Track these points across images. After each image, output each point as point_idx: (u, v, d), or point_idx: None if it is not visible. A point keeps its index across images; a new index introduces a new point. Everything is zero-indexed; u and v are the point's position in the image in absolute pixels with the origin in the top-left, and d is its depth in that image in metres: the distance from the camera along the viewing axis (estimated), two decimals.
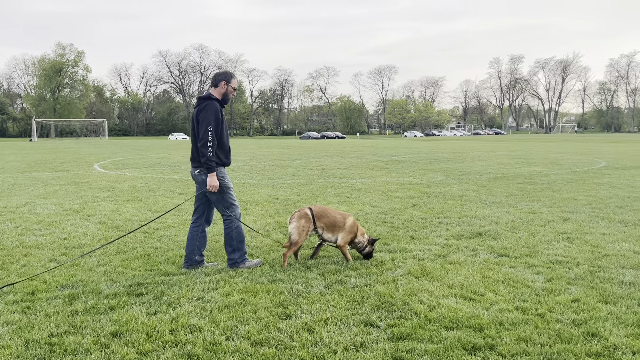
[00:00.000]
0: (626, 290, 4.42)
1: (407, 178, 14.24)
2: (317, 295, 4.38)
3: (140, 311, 4.01)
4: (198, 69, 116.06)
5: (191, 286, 4.63)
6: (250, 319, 3.84)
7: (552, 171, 15.95)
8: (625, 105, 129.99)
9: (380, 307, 4.10)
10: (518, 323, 3.74)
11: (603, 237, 6.43)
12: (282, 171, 16.91)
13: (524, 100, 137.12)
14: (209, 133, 4.94)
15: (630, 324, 3.68)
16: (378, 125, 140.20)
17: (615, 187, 11.58)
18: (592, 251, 5.76)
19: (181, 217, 8.14)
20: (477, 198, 10.01)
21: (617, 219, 7.62)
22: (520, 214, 8.15)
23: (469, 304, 4.14)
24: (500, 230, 6.91)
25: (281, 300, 4.24)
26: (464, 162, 20.71)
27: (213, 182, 5.02)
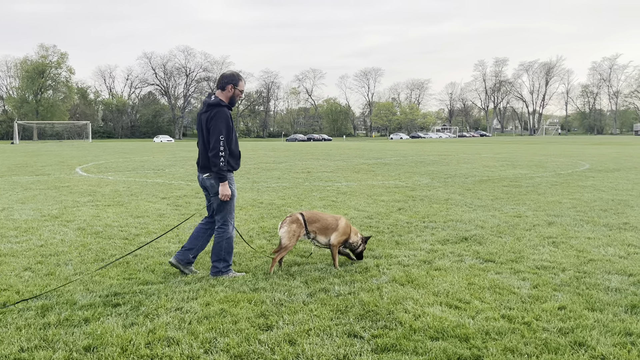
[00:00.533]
0: (612, 296, 4.38)
1: (393, 181, 14.19)
2: (300, 304, 4.27)
3: (116, 323, 3.86)
4: (183, 71, 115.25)
5: (170, 296, 4.49)
6: (230, 331, 3.72)
7: (536, 174, 16.02)
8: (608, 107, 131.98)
9: (365, 316, 4.01)
10: (504, 332, 3.67)
11: (588, 242, 6.41)
12: (267, 174, 16.76)
13: (508, 102, 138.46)
14: (220, 143, 4.84)
15: (618, 333, 3.63)
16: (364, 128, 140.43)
17: (599, 189, 11.63)
18: (578, 256, 5.73)
19: (163, 223, 7.97)
20: (462, 201, 9.98)
21: (601, 223, 7.62)
22: (506, 218, 8.12)
23: (454, 313, 4.06)
24: (485, 235, 6.86)
25: (263, 310, 4.13)
26: (450, 164, 20.74)
27: (225, 191, 4.96)
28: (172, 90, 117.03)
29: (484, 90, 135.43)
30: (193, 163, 23.00)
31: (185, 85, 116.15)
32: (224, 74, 5.14)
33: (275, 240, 6.64)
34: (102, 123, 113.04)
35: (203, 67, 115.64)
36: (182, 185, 13.46)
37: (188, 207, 9.52)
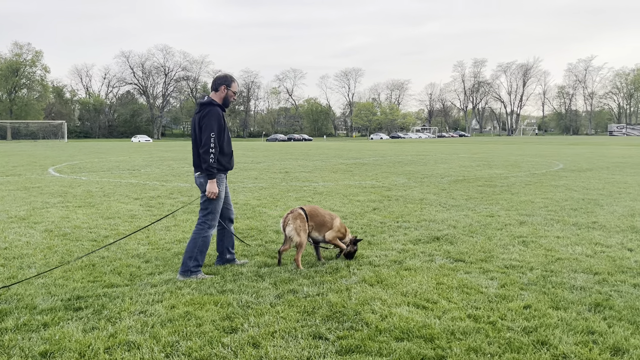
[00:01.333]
0: (577, 295, 4.43)
1: (370, 181, 14.22)
2: (267, 306, 4.22)
3: (76, 328, 3.77)
4: (162, 70, 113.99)
5: (135, 299, 4.40)
6: (193, 334, 3.65)
7: (511, 174, 16.21)
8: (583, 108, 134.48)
9: (331, 317, 3.98)
10: (469, 332, 3.67)
11: (557, 241, 6.49)
12: (244, 174, 16.66)
13: (487, 103, 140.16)
14: (211, 140, 4.96)
15: (580, 331, 3.66)
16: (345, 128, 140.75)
17: (571, 189, 11.81)
18: (546, 255, 5.79)
19: (134, 224, 7.85)
20: (437, 201, 10.03)
21: (571, 222, 7.72)
22: (479, 218, 8.18)
23: (421, 313, 4.05)
24: (457, 235, 6.90)
25: (229, 313, 4.07)
26: (427, 164, 20.88)
27: (212, 188, 5.04)
28: (151, 89, 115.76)
29: (463, 91, 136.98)
30: (169, 163, 22.76)
31: (164, 84, 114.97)
32: (218, 76, 5.28)
33: (248, 241, 6.58)
34: (78, 123, 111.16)
35: (182, 66, 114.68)
36: (157, 185, 13.29)
37: (161, 208, 9.40)
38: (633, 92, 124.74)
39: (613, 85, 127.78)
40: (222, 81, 5.19)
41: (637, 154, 28.86)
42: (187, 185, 13.25)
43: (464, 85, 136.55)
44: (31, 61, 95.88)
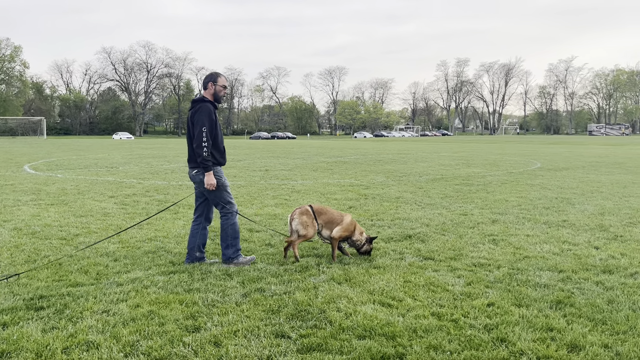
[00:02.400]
0: (540, 292, 4.49)
1: (349, 180, 14.25)
2: (232, 305, 4.21)
3: (36, 327, 3.72)
4: (144, 67, 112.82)
5: (99, 298, 4.35)
6: (154, 333, 3.63)
7: (489, 172, 16.37)
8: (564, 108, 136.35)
9: (296, 316, 3.98)
10: (431, 330, 3.71)
11: (526, 239, 6.57)
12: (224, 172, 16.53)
13: (469, 102, 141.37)
14: (203, 134, 5.12)
15: (539, 328, 3.72)
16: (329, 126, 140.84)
17: (546, 188, 11.97)
18: (514, 253, 5.86)
19: (106, 222, 7.76)
20: (413, 200, 10.09)
21: (542, 220, 7.83)
22: (452, 216, 8.24)
23: (386, 311, 4.08)
24: (429, 233, 6.95)
25: (193, 312, 4.05)
26: (407, 163, 20.99)
27: (210, 180, 5.22)
28: (133, 86, 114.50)
29: (446, 90, 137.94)
30: (149, 160, 22.56)
31: (146, 81, 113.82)
32: (205, 75, 5.55)
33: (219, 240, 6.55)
34: (58, 119, 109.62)
35: (165, 63, 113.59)
36: (134, 183, 13.16)
37: (135, 206, 9.30)
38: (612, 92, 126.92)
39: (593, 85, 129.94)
40: (208, 79, 5.39)
41: (613, 153, 29.37)
42: (165, 183, 13.15)
43: (447, 84, 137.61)
44: (10, 56, 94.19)
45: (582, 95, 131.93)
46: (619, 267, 5.25)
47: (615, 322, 3.82)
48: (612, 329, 3.71)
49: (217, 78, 5.38)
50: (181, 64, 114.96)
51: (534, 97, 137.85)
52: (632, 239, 6.53)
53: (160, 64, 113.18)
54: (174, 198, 10.31)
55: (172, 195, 10.71)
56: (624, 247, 6.14)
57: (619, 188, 11.93)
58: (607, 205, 9.25)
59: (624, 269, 5.20)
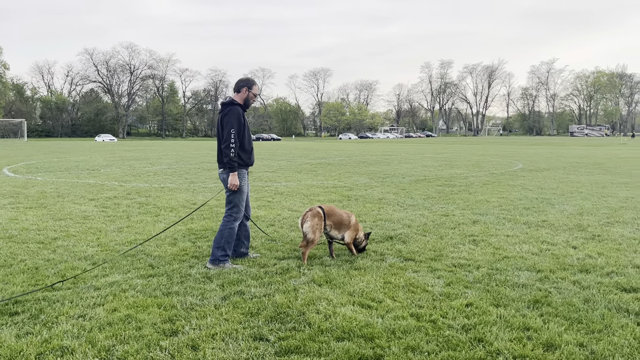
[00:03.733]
0: (518, 292, 4.53)
1: (332, 181, 14.26)
2: (211, 308, 4.18)
3: (10, 333, 3.65)
4: (127, 68, 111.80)
5: (75, 302, 4.29)
6: (131, 338, 3.59)
7: (471, 173, 16.51)
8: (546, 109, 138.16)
9: (275, 318, 3.97)
10: (410, 331, 3.72)
11: (506, 239, 6.64)
12: (207, 174, 16.48)
13: (453, 104, 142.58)
14: (232, 136, 5.32)
15: (517, 328, 3.75)
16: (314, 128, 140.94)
17: (527, 188, 12.11)
18: (494, 253, 5.91)
19: (85, 225, 7.66)
20: (395, 201, 10.13)
21: (522, 221, 7.91)
22: (434, 217, 8.29)
23: (365, 312, 4.08)
24: (410, 234, 6.98)
25: (171, 315, 4.01)
26: (391, 164, 21.08)
27: (234, 180, 5.40)
28: (116, 87, 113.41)
29: (430, 91, 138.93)
30: (131, 163, 22.35)
31: (129, 82, 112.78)
32: (241, 79, 5.66)
33: (201, 243, 6.51)
34: (40, 121, 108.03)
35: (148, 64, 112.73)
36: (115, 186, 13.02)
37: (116, 209, 9.20)
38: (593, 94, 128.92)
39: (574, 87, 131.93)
40: (244, 84, 5.58)
41: (593, 154, 29.81)
42: (147, 186, 13.03)
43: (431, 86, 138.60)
44: None
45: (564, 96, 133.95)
46: (596, 267, 5.32)
47: (591, 321, 3.87)
48: (587, 328, 3.75)
49: (252, 85, 5.60)
50: (165, 65, 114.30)
51: (516, 99, 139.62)
52: (609, 239, 6.63)
53: (143, 66, 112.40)
54: (156, 201, 10.22)
55: (154, 198, 10.62)
56: (601, 246, 6.23)
57: (598, 188, 12.11)
58: (585, 206, 9.38)
59: (601, 268, 5.28)
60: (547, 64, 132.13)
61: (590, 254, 5.86)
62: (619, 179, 14.30)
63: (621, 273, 5.10)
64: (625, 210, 8.88)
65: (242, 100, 5.56)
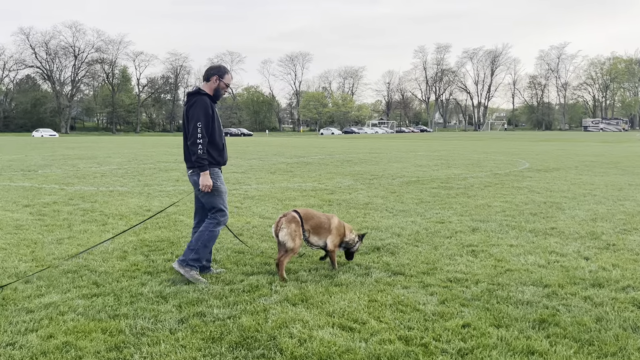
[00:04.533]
0: (522, 310, 4.58)
1: (311, 183, 14.28)
2: (166, 333, 4.14)
3: None
4: (71, 51, 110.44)
5: (4, 328, 4.21)
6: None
7: (471, 174, 16.68)
8: (556, 100, 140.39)
9: (241, 344, 3.95)
10: (397, 356, 3.73)
11: (510, 250, 6.71)
12: (165, 176, 16.36)
13: (451, 94, 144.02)
14: (198, 130, 5.32)
15: (520, 352, 3.79)
16: (291, 121, 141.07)
17: (534, 191, 12.27)
18: (495, 266, 5.97)
19: (18, 237, 7.53)
20: (383, 206, 10.18)
21: (528, 228, 8.01)
22: (427, 224, 8.35)
23: (346, 335, 4.09)
24: (400, 244, 7.01)
25: (118, 342, 3.96)
26: (379, 164, 21.19)
27: (206, 181, 5.38)
28: (57, 74, 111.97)
29: (425, 80, 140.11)
30: (75, 162, 22.08)
31: (73, 68, 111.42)
32: (211, 66, 5.69)
33: (155, 256, 6.45)
34: None
35: (96, 46, 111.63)
36: (55, 189, 12.84)
37: (55, 217, 9.06)
38: (609, 83, 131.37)
39: (587, 75, 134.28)
40: (215, 71, 5.59)
41: (609, 151, 30.39)
42: (93, 189, 12.87)
43: (425, 73, 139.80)
44: None
45: (576, 86, 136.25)
46: (610, 280, 5.41)
47: (604, 342, 3.93)
48: (599, 351, 3.81)
49: (224, 74, 5.60)
50: (115, 48, 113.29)
51: (523, 89, 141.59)
52: (626, 248, 6.75)
53: (90, 48, 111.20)
54: (103, 207, 10.10)
55: (101, 204, 10.49)
56: (616, 257, 6.34)
57: (613, 191, 12.33)
58: (599, 210, 9.54)
59: (615, 282, 5.37)
60: (558, 48, 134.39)
61: (604, 265, 5.96)
62: (637, 180, 14.59)
63: (638, 287, 5.19)
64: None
65: (211, 90, 5.58)
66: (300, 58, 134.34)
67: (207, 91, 5.55)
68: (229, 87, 5.71)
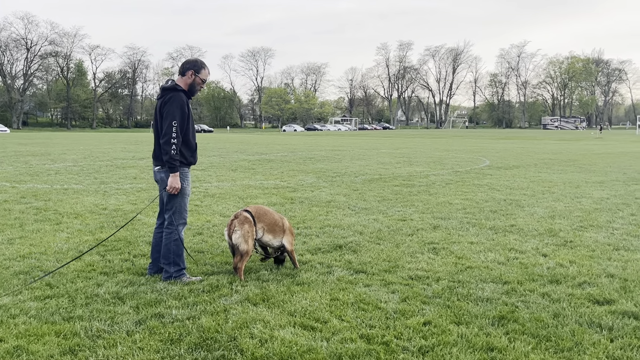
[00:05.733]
0: (482, 307, 4.67)
1: (273, 181, 14.24)
2: (123, 335, 4.07)
3: None
4: (23, 44, 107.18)
5: None
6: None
7: (433, 171, 16.91)
8: (516, 99, 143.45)
9: (201, 345, 3.91)
10: (359, 355, 3.75)
11: (470, 247, 6.83)
12: (122, 173, 16.08)
13: (413, 91, 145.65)
14: (173, 129, 5.18)
15: (480, 348, 3.86)
16: (253, 118, 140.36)
17: (494, 188, 12.52)
18: (456, 263, 6.07)
19: None
20: (346, 204, 10.23)
21: (488, 226, 8.17)
22: (389, 222, 8.43)
23: (307, 335, 4.09)
24: (362, 242, 7.06)
25: (73, 345, 3.88)
26: (342, 161, 21.28)
27: (175, 183, 5.28)
28: (8, 67, 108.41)
29: (387, 77, 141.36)
30: (27, 159, 21.51)
31: (25, 61, 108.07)
32: (187, 60, 5.58)
33: (112, 256, 6.33)
34: None
35: (49, 39, 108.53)
36: (6, 187, 12.48)
37: (6, 217, 8.81)
38: (567, 81, 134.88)
39: (547, 74, 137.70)
40: (190, 66, 5.45)
41: (567, 149, 31.21)
42: (47, 187, 12.55)
43: (388, 70, 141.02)
44: None
45: (536, 84, 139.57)
46: (567, 277, 5.56)
47: (561, 338, 4.04)
48: (556, 346, 3.91)
49: (201, 69, 5.46)
50: (70, 41, 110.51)
51: (484, 86, 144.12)
52: (582, 245, 6.95)
53: (43, 41, 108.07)
54: (57, 206, 9.87)
55: (55, 202, 10.24)
56: (573, 253, 6.52)
57: (571, 188, 12.68)
58: (558, 208, 9.80)
59: (572, 278, 5.52)
60: (518, 47, 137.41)
61: (562, 262, 6.12)
62: (593, 178, 15.03)
63: (594, 283, 5.35)
64: (599, 212, 9.33)
65: (186, 86, 5.44)
66: (262, 53, 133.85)
67: (182, 86, 5.41)
68: (205, 82, 5.58)
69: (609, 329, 4.22)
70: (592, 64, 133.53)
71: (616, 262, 6.15)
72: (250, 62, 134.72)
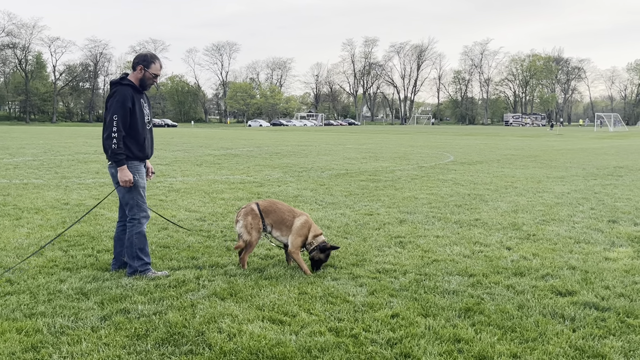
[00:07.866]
0: (448, 300, 4.73)
1: (240, 176, 14.15)
2: (87, 331, 4.00)
3: None
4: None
5: None
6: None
7: (398, 167, 17.05)
8: (479, 96, 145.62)
9: (168, 340, 3.86)
10: (328, 348, 3.76)
11: (436, 240, 6.91)
12: (83, 168, 15.76)
13: (378, 87, 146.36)
14: (113, 123, 5.12)
15: (447, 340, 3.91)
16: (218, 112, 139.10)
17: (458, 183, 12.69)
18: (423, 257, 6.13)
19: None
20: (313, 198, 10.24)
21: (453, 220, 8.28)
22: (356, 216, 8.47)
23: (276, 329, 4.08)
24: (330, 236, 7.08)
25: (35, 342, 3.79)
26: (308, 156, 21.29)
27: (124, 176, 5.21)
28: None
29: (353, 73, 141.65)
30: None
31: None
32: (139, 54, 5.50)
33: (74, 251, 6.20)
34: None
35: (6, 30, 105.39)
36: None
37: None
38: (528, 79, 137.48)
39: (509, 71, 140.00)
40: (139, 60, 5.38)
41: (529, 145, 31.84)
42: (5, 182, 12.22)
43: (353, 66, 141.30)
44: None
45: (498, 81, 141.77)
46: (531, 269, 5.67)
47: (525, 329, 4.12)
48: (521, 337, 3.99)
49: (150, 63, 5.35)
50: (29, 32, 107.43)
51: (448, 83, 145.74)
52: (545, 238, 7.10)
53: (0, 32, 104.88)
54: (17, 200, 9.61)
55: (15, 197, 9.97)
56: (536, 246, 6.66)
57: (533, 183, 12.94)
58: (520, 202, 9.99)
59: (536, 270, 5.64)
60: (481, 44, 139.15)
61: (525, 255, 6.25)
62: (554, 173, 15.37)
63: (556, 275, 5.47)
64: (560, 206, 9.55)
65: (137, 81, 5.38)
66: (227, 47, 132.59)
67: (132, 80, 5.36)
68: (157, 77, 5.48)
69: (572, 320, 4.32)
70: (553, 62, 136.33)
71: (577, 254, 6.30)
72: (215, 56, 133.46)
